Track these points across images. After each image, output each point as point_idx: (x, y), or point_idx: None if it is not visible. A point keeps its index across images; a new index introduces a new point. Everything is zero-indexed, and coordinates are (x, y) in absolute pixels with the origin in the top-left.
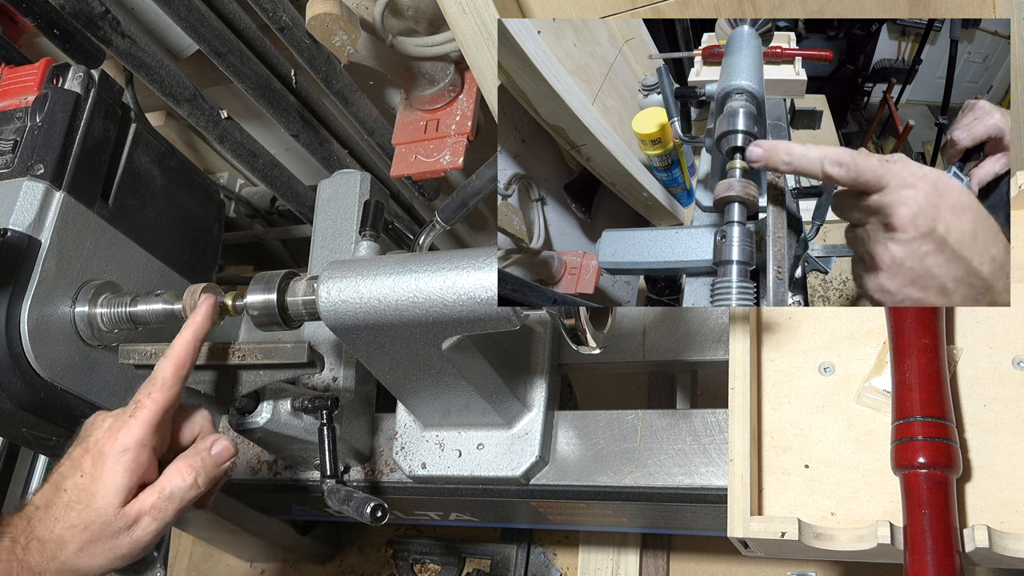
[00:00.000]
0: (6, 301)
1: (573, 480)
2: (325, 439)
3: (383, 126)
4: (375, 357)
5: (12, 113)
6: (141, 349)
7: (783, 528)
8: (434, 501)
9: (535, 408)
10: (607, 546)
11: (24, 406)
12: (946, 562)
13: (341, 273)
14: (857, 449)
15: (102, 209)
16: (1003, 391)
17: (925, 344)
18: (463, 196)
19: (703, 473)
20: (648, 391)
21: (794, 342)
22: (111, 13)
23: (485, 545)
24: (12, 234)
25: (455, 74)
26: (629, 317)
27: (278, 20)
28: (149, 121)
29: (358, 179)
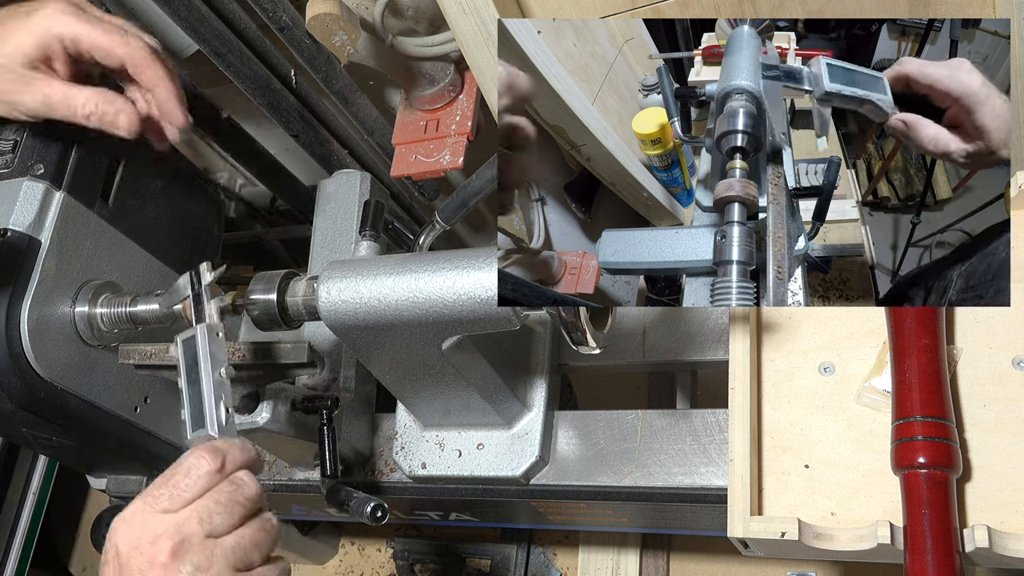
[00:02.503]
0: (6, 301)
1: (573, 480)
2: (325, 439)
3: (383, 126)
4: (375, 357)
5: None
6: (141, 349)
7: (783, 528)
8: (434, 501)
9: (535, 408)
10: (607, 546)
11: (24, 406)
12: (946, 562)
13: (341, 273)
14: (857, 449)
15: (102, 209)
16: (1003, 391)
17: (925, 344)
18: (463, 196)
19: (703, 473)
20: (648, 391)
21: (794, 342)
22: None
23: (485, 545)
24: (12, 234)
25: (455, 74)
26: (629, 317)
27: (278, 20)
28: None
29: (358, 179)
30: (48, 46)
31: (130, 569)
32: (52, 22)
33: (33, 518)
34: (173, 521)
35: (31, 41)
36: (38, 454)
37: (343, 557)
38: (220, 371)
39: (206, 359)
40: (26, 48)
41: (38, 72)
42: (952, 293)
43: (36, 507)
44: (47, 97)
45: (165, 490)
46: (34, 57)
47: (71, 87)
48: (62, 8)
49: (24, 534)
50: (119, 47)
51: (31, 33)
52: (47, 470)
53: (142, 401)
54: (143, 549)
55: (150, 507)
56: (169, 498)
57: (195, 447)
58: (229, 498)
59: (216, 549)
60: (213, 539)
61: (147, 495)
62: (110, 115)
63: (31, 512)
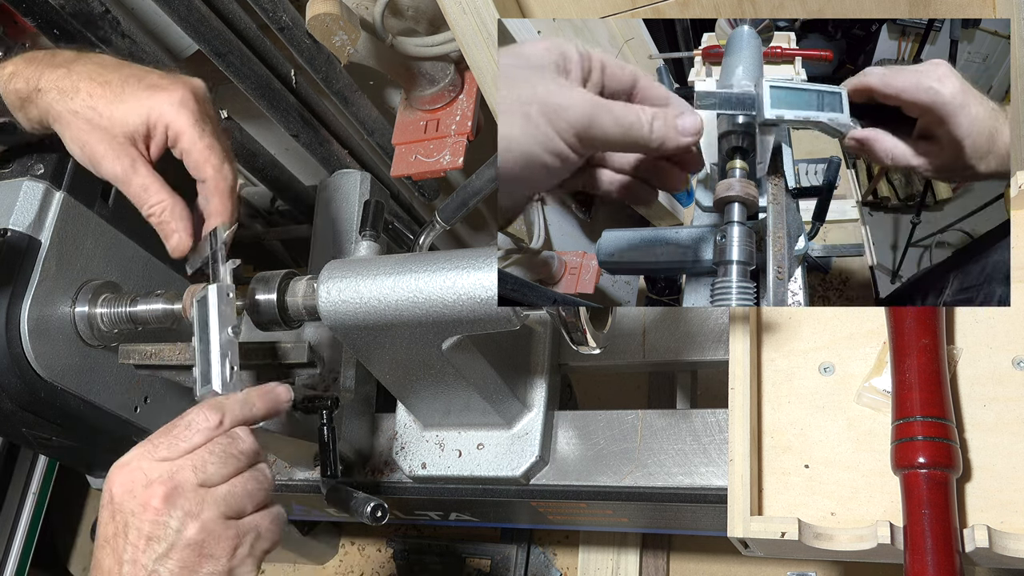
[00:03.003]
0: (6, 301)
1: (573, 480)
2: (325, 439)
3: (383, 126)
4: (375, 357)
5: None
6: (141, 349)
7: (783, 528)
8: (434, 501)
9: (535, 408)
10: (607, 546)
11: (24, 406)
12: (946, 562)
13: (341, 273)
14: (857, 449)
15: (102, 209)
16: (1003, 391)
17: (925, 344)
18: (463, 196)
19: (703, 473)
20: (648, 391)
21: (794, 342)
22: (111, 13)
23: (485, 545)
24: (12, 234)
25: (455, 74)
26: (629, 317)
27: (278, 20)
28: None
29: (358, 179)
30: (154, 129)
31: (123, 512)
32: (168, 111)
33: (33, 518)
34: (168, 468)
35: (141, 119)
36: (38, 454)
37: (343, 557)
38: (228, 330)
39: (215, 318)
40: (134, 124)
41: (132, 147)
42: (948, 294)
43: (36, 507)
44: (128, 177)
45: (164, 439)
46: (137, 133)
47: (152, 179)
48: (182, 100)
49: (24, 534)
50: (209, 168)
51: (145, 110)
52: (47, 470)
53: (142, 401)
54: (136, 493)
55: (148, 454)
56: (167, 447)
57: (199, 404)
58: (224, 450)
59: (207, 496)
60: (205, 488)
61: (146, 443)
62: (168, 226)
63: (31, 512)
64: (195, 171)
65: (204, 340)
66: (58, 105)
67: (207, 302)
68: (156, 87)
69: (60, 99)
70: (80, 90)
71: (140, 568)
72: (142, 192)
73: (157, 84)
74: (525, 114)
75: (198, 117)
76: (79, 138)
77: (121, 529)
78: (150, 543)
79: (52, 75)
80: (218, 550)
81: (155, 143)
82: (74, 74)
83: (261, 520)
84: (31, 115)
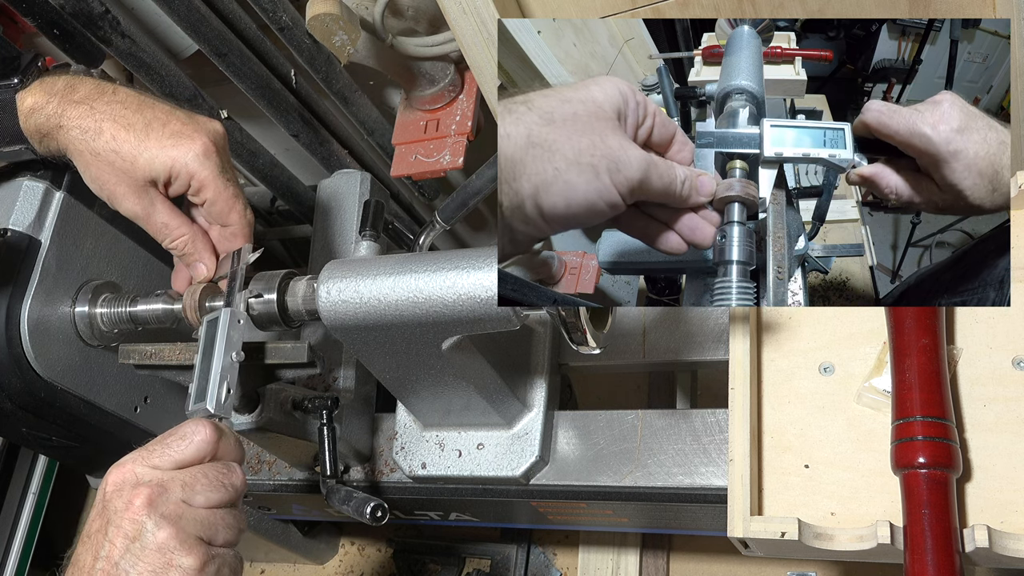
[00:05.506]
0: (6, 301)
1: (573, 480)
2: (325, 439)
3: (383, 126)
4: (375, 357)
5: None
6: (141, 349)
7: (783, 528)
8: (434, 501)
9: (535, 408)
10: (607, 546)
11: (24, 406)
12: (946, 562)
13: (341, 273)
14: (857, 449)
15: (102, 209)
16: (1003, 391)
17: (925, 344)
18: (463, 196)
19: (703, 473)
20: (648, 391)
21: (794, 342)
22: (111, 13)
23: (485, 545)
24: (12, 234)
25: (455, 74)
26: (629, 317)
27: (278, 20)
28: None
29: (358, 179)
30: (176, 175)
31: (109, 509)
32: (192, 162)
33: (33, 518)
34: (158, 476)
35: (164, 167)
36: (38, 454)
37: (343, 557)
38: (232, 355)
39: (223, 340)
40: (157, 171)
41: (152, 188)
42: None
43: (36, 507)
44: (148, 216)
45: (159, 447)
46: (158, 179)
47: (172, 216)
48: (205, 152)
49: (24, 534)
50: (235, 215)
51: (169, 160)
52: (47, 470)
53: (142, 401)
54: (124, 492)
55: (143, 459)
56: (160, 455)
57: (196, 418)
58: (216, 477)
59: (187, 512)
60: (188, 505)
61: (144, 448)
62: (192, 258)
63: (31, 512)
64: (219, 218)
65: (207, 359)
66: (79, 144)
67: (217, 324)
68: (179, 135)
69: (82, 138)
70: (103, 132)
71: (112, 565)
72: (163, 228)
73: (180, 132)
74: (593, 167)
75: (222, 168)
76: (99, 177)
77: (104, 526)
78: (126, 542)
79: (74, 112)
80: (187, 562)
81: (175, 188)
82: (97, 113)
83: (229, 557)
84: (50, 147)
